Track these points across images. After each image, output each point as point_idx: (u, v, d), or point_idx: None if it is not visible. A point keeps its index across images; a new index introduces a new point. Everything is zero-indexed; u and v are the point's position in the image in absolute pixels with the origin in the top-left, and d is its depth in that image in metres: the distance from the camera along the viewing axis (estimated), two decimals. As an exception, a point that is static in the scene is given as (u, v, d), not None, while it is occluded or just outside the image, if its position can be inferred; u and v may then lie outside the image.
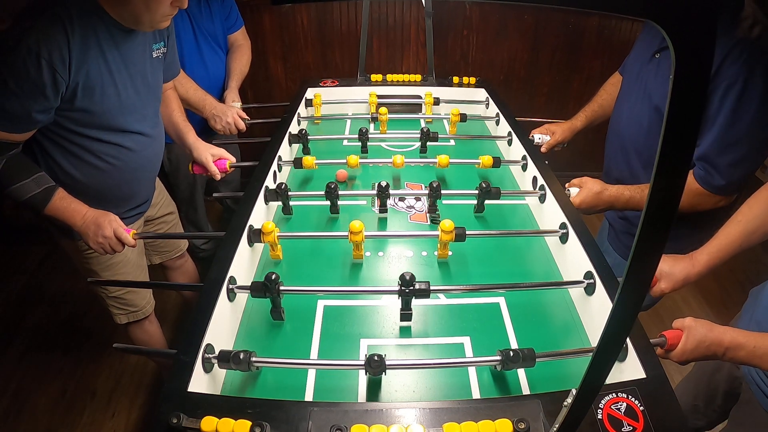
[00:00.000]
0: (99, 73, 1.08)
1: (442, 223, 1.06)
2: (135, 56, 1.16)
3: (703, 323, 0.84)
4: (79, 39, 1.01)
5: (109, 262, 1.39)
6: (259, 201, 1.21)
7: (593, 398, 0.57)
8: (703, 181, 1.13)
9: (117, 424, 1.79)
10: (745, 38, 1.02)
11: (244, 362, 0.79)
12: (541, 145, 1.57)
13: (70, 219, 1.16)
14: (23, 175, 1.09)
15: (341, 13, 2.53)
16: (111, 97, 1.12)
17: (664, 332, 0.84)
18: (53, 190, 1.13)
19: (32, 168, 1.11)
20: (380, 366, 0.77)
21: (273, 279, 0.91)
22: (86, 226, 1.16)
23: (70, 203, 1.15)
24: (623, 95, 1.40)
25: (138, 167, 1.29)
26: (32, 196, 1.10)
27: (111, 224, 1.16)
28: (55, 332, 2.16)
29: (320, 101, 1.78)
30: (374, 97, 1.79)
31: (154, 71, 1.25)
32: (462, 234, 1.07)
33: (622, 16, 0.84)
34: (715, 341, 0.82)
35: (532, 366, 0.81)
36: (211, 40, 1.72)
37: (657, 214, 0.41)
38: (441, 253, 1.13)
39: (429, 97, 1.80)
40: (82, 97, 1.06)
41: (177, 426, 0.66)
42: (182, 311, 2.25)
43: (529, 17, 2.58)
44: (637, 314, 0.48)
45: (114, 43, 1.09)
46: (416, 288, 0.91)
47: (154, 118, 1.30)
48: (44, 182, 1.12)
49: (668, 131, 0.37)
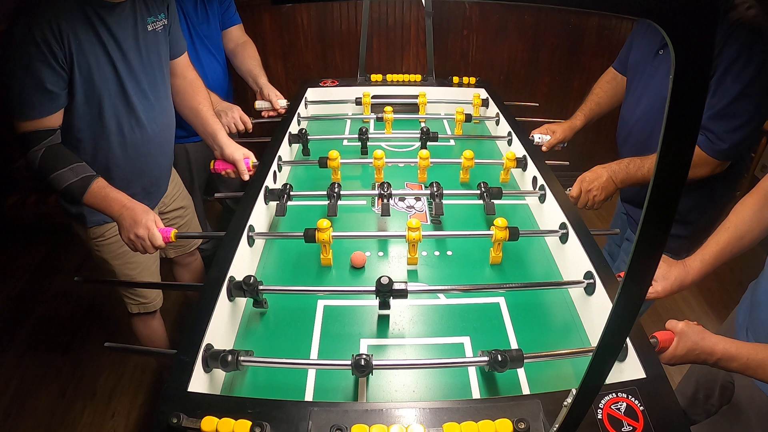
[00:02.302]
0: (91, 46, 1.10)
1: (496, 220, 1.07)
2: (125, 31, 1.16)
3: (696, 330, 0.83)
4: (66, 15, 1.04)
5: (120, 250, 1.39)
6: (259, 201, 1.21)
7: (593, 398, 0.57)
8: (707, 147, 1.18)
9: (117, 424, 1.79)
10: (741, 20, 1.09)
11: (232, 364, 0.79)
12: (542, 145, 1.57)
13: (108, 209, 1.16)
14: (61, 165, 1.11)
15: (341, 13, 2.53)
16: (106, 72, 1.14)
17: (656, 333, 0.84)
18: (91, 179, 1.14)
19: (71, 157, 1.13)
20: (367, 367, 0.77)
21: (251, 283, 0.93)
22: (123, 218, 1.15)
23: (109, 192, 1.15)
24: (631, 94, 1.41)
25: (144, 142, 1.29)
26: (70, 185, 1.12)
27: (148, 224, 1.14)
28: (55, 332, 2.16)
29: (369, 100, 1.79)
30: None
31: (149, 45, 1.23)
32: (516, 233, 1.08)
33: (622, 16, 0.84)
34: (706, 350, 0.82)
35: (520, 367, 0.81)
36: (207, 42, 1.71)
37: (658, 213, 0.41)
38: (494, 256, 1.13)
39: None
40: (78, 68, 1.08)
41: (177, 426, 0.66)
42: (183, 310, 2.25)
43: (529, 17, 2.58)
44: (637, 314, 0.48)
45: (101, 19, 1.11)
46: (395, 289, 0.91)
47: (155, 92, 1.29)
48: (82, 171, 1.13)
49: (668, 131, 0.37)
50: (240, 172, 1.41)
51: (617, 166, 1.29)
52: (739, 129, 1.15)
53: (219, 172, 1.45)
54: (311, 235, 1.07)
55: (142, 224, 1.13)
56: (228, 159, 1.42)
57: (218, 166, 1.45)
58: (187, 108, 1.44)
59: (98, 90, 1.14)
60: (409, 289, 0.92)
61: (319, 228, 1.06)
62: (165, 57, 1.32)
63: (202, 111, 1.44)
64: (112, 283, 1.47)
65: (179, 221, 1.62)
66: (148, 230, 1.13)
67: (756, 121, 1.16)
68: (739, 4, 1.12)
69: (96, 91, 1.14)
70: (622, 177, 1.28)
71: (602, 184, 1.27)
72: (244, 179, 1.42)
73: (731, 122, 1.14)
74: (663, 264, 1.01)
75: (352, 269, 1.13)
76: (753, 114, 1.14)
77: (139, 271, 1.47)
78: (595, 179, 1.28)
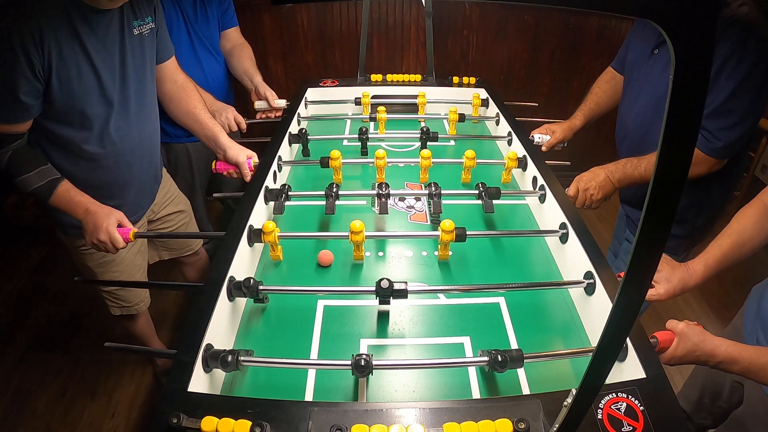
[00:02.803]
0: (73, 53, 1.07)
1: (443, 223, 1.06)
2: (111, 35, 1.14)
3: (697, 332, 0.83)
4: (49, 21, 1.02)
5: (102, 260, 1.40)
6: (259, 201, 1.21)
7: (593, 398, 0.57)
8: (702, 146, 1.18)
9: (117, 424, 1.79)
10: (733, 17, 1.09)
11: (232, 364, 0.80)
12: (542, 145, 1.57)
13: (73, 212, 1.17)
14: (27, 168, 1.11)
15: (341, 13, 2.53)
16: (88, 81, 1.11)
17: (656, 333, 0.84)
18: (57, 183, 1.14)
19: (37, 161, 1.13)
20: (367, 368, 0.77)
21: (251, 285, 0.94)
22: (86, 222, 1.17)
23: (74, 196, 1.16)
24: (628, 94, 1.41)
25: (128, 150, 1.27)
26: (36, 188, 1.12)
27: (108, 228, 1.15)
28: (55, 332, 2.16)
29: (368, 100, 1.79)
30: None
31: (135, 49, 1.21)
32: (462, 234, 1.07)
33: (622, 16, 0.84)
34: (706, 352, 0.82)
35: (520, 367, 0.81)
36: (207, 43, 1.71)
37: (657, 213, 0.41)
38: (442, 254, 1.13)
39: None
40: (57, 79, 1.06)
41: (177, 426, 0.66)
42: (182, 311, 2.25)
43: (529, 17, 2.58)
44: (637, 314, 0.48)
45: (86, 23, 1.08)
46: (395, 289, 0.91)
47: (142, 98, 1.27)
48: (48, 175, 1.13)
49: (668, 130, 0.37)
50: (243, 174, 1.40)
51: (614, 166, 1.30)
52: (734, 127, 1.15)
53: (221, 173, 1.46)
54: (258, 236, 1.10)
55: (102, 229, 1.15)
56: (231, 161, 1.40)
57: (220, 167, 1.44)
58: (182, 113, 1.41)
59: (79, 99, 1.11)
60: (409, 289, 0.92)
61: (265, 231, 1.08)
62: (151, 62, 1.30)
63: (198, 115, 1.41)
64: (113, 284, 1.47)
65: (170, 225, 1.60)
66: (109, 235, 1.15)
67: (751, 118, 1.16)
68: (731, 2, 1.11)
69: (76, 100, 1.11)
70: (619, 176, 1.28)
71: (599, 184, 1.28)
72: (247, 180, 1.42)
73: (726, 120, 1.14)
74: (666, 266, 1.01)
75: (353, 268, 1.13)
76: (748, 111, 1.14)
77: (123, 279, 1.47)
78: (592, 179, 1.28)
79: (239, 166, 1.39)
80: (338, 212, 1.27)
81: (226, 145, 1.40)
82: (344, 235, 1.08)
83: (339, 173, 1.40)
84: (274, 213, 1.24)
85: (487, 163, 1.51)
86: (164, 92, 1.39)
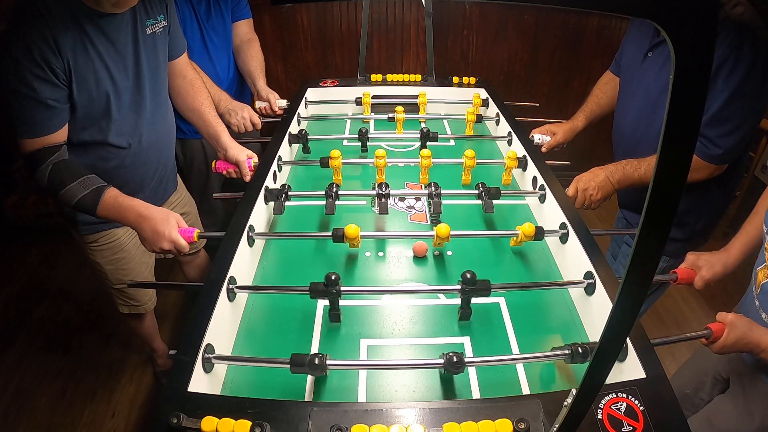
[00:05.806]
0: (88, 58, 1.07)
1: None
2: (124, 37, 1.14)
3: (745, 321, 0.89)
4: (62, 28, 1.02)
5: (113, 257, 1.40)
6: (259, 201, 1.21)
7: (593, 398, 0.57)
8: (701, 153, 1.18)
9: (117, 424, 1.79)
10: (728, 18, 1.08)
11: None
12: (542, 146, 1.57)
13: (124, 219, 1.11)
14: (69, 180, 1.08)
15: (341, 13, 2.53)
16: (104, 83, 1.12)
17: (710, 325, 0.89)
18: (102, 191, 1.10)
19: (79, 171, 1.10)
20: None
21: (333, 279, 0.92)
22: (143, 230, 1.10)
23: (122, 202, 1.11)
24: (623, 97, 1.41)
25: (145, 149, 1.28)
26: (81, 199, 1.08)
27: (171, 236, 1.09)
28: (55, 332, 2.16)
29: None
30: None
31: (148, 49, 1.21)
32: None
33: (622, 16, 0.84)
34: (753, 341, 0.88)
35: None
36: (218, 38, 1.70)
37: (657, 215, 0.41)
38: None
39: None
40: (76, 83, 1.07)
41: (177, 426, 0.66)
42: (182, 310, 2.25)
43: (529, 17, 2.58)
44: (637, 314, 0.47)
45: (98, 28, 1.08)
46: (477, 287, 0.92)
47: (157, 97, 1.28)
48: (92, 183, 1.10)
49: (668, 132, 0.37)
50: (243, 174, 1.41)
51: (614, 167, 1.30)
52: (733, 133, 1.14)
53: (221, 172, 1.46)
54: (340, 236, 1.08)
55: (165, 237, 1.08)
56: (231, 160, 1.42)
57: (220, 166, 1.45)
58: (188, 109, 1.43)
59: (96, 101, 1.12)
60: (409, 289, 0.92)
61: (349, 236, 1.06)
62: (165, 60, 1.31)
63: (203, 112, 1.42)
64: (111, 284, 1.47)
65: None
66: (173, 243, 1.09)
67: (750, 122, 1.15)
68: (725, 3, 1.10)
69: (94, 103, 1.12)
70: (619, 177, 1.28)
71: (599, 184, 1.27)
72: (246, 180, 1.42)
73: (725, 127, 1.13)
74: (704, 254, 1.07)
75: (354, 266, 1.13)
76: (746, 116, 1.13)
77: (132, 276, 1.48)
78: (591, 179, 1.28)
79: (239, 166, 1.40)
80: (338, 212, 1.27)
81: (227, 144, 1.41)
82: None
83: (339, 173, 1.40)
84: (274, 213, 1.24)
85: (487, 163, 1.51)
86: (173, 87, 1.40)
